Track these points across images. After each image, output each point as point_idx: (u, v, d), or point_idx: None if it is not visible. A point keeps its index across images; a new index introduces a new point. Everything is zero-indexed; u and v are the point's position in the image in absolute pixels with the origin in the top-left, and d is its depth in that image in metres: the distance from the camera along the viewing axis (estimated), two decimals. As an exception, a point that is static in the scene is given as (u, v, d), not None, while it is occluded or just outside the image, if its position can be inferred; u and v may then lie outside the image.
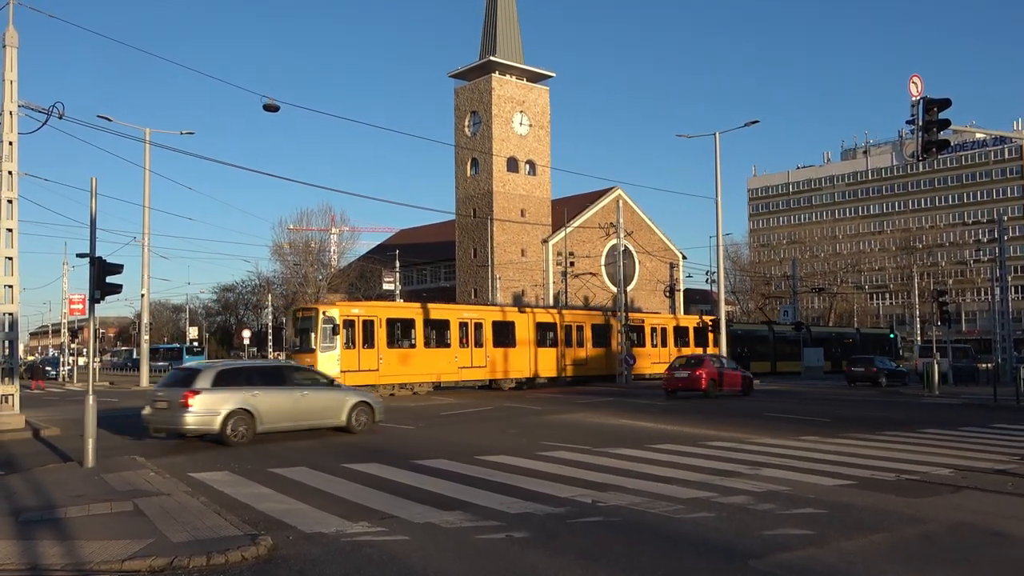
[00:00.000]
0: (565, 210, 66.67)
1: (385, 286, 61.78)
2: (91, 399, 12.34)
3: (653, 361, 42.44)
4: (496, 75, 66.59)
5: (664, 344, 43.88)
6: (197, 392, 14.55)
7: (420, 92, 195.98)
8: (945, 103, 17.62)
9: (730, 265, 79.51)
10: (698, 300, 75.64)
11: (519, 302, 64.53)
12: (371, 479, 10.95)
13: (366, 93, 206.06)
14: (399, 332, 31.14)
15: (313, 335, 28.53)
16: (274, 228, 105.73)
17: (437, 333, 32.38)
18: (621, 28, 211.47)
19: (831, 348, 52.91)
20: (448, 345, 32.38)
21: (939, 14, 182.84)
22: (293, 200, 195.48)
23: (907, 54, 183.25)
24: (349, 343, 28.87)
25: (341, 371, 27.41)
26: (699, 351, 44.12)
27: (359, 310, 30.24)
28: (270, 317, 68.29)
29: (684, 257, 75.40)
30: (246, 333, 67.53)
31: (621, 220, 42.77)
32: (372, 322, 29.76)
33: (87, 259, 12.90)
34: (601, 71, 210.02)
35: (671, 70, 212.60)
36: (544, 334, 36.80)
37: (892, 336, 62.89)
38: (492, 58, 66.57)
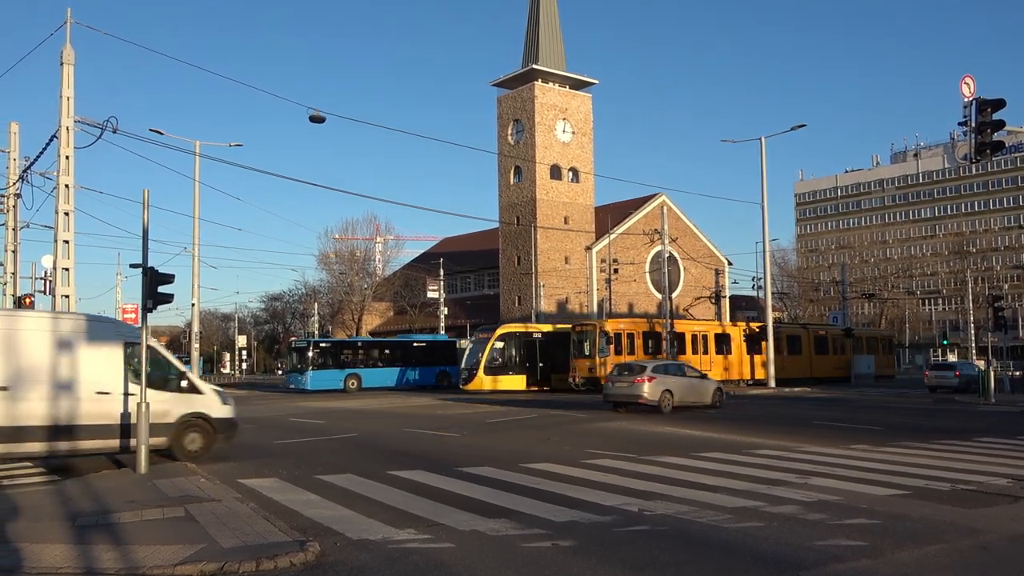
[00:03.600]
0: (608, 217, 66.40)
1: (429, 294, 62.14)
2: (144, 407, 12.59)
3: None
4: (539, 83, 66.67)
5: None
6: (650, 378, 23.84)
7: (464, 101, 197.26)
8: (999, 104, 17.20)
9: (777, 271, 78.48)
10: (744, 307, 74.60)
11: (563, 310, 64.45)
12: (416, 486, 11.00)
13: (410, 103, 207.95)
14: (651, 343, 39.25)
15: (588, 344, 37.21)
16: (320, 238, 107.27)
17: (679, 343, 39.66)
18: (664, 33, 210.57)
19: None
20: (684, 352, 39.92)
21: (992, 12, 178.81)
22: (338, 210, 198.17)
23: (959, 54, 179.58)
24: (619, 351, 36.83)
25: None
26: (747, 359, 43.71)
27: (624, 325, 39.60)
28: (316, 325, 69.09)
29: (730, 263, 74.53)
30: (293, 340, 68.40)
31: (666, 226, 42.56)
32: (633, 335, 38.75)
33: (140, 269, 13.17)
34: (644, 77, 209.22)
35: (715, 74, 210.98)
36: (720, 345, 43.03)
37: (945, 343, 61.44)
38: (535, 66, 66.66)
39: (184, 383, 14.32)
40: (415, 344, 47.20)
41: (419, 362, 45.87)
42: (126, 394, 13.31)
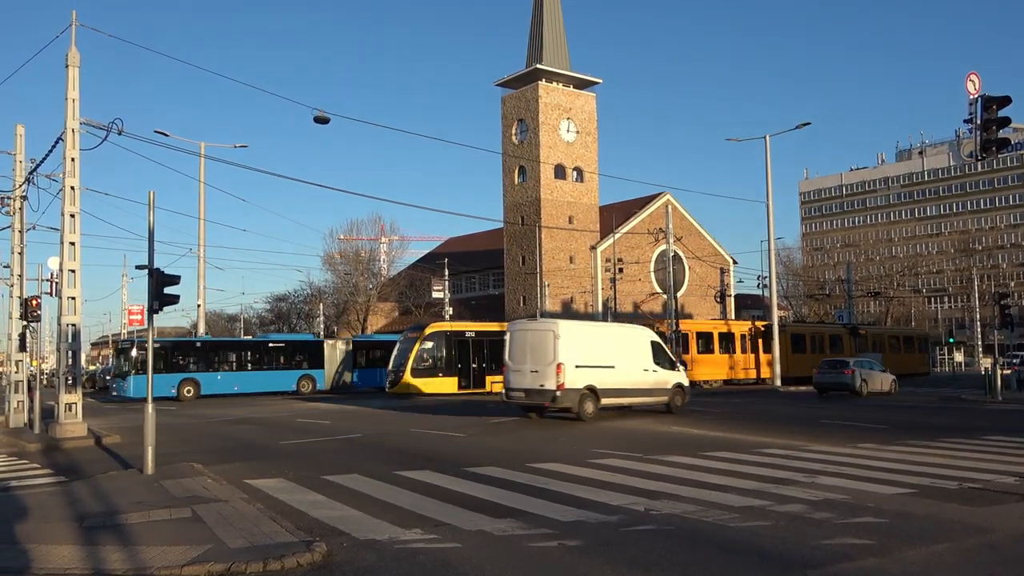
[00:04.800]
0: (613, 216, 66.41)
1: (434, 295, 62.12)
2: (150, 408, 12.63)
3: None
4: (543, 83, 66.67)
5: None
6: None
7: (468, 101, 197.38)
8: (1005, 100, 17.16)
9: (782, 269, 78.31)
10: (749, 305, 74.45)
11: (568, 309, 64.43)
12: (422, 486, 11.01)
13: (414, 104, 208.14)
14: (700, 343, 41.58)
15: None
16: (325, 238, 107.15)
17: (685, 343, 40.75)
18: (668, 32, 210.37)
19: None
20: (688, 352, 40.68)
21: (997, 9, 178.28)
22: (343, 210, 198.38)
23: (964, 51, 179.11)
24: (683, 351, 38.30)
25: None
26: (751, 357, 43.70)
27: (685, 327, 40.71)
28: (321, 326, 69.14)
29: (735, 262, 74.40)
30: None
31: (671, 225, 42.51)
32: (687, 336, 40.42)
33: (146, 271, 13.20)
34: (648, 76, 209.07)
35: (719, 73, 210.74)
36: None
37: (952, 341, 61.22)
38: (538, 66, 66.67)
39: (675, 367, 24.35)
40: (271, 344, 41.64)
41: (276, 365, 40.47)
42: (654, 370, 23.24)
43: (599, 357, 21.66)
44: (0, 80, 51.91)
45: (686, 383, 24.60)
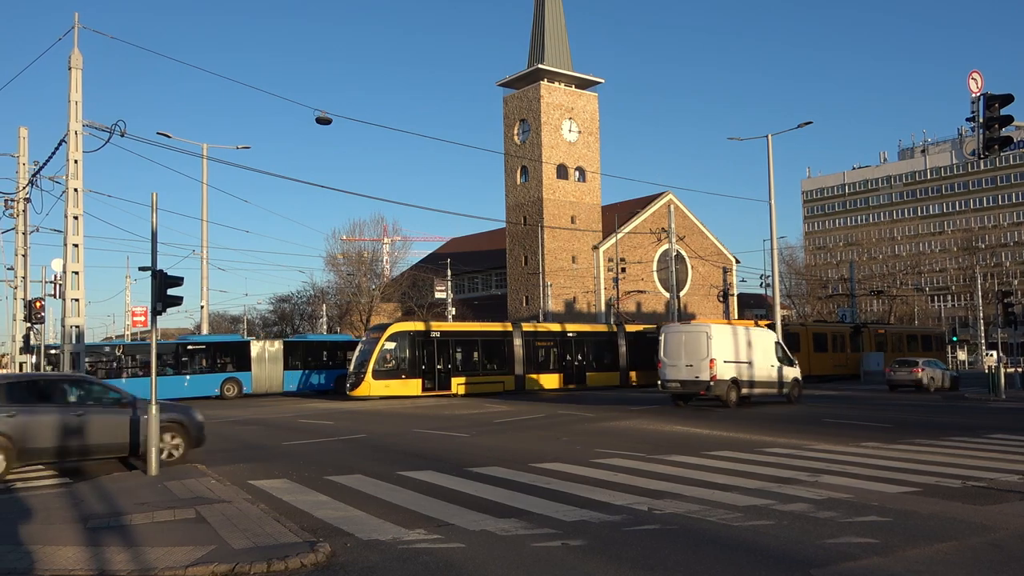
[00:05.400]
0: (616, 216, 66.40)
1: (437, 295, 62.16)
2: (154, 409, 12.64)
3: None
4: (545, 83, 66.68)
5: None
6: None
7: (470, 102, 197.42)
8: (1007, 99, 17.13)
9: (785, 269, 78.32)
10: (752, 305, 74.47)
11: (571, 309, 64.43)
12: (426, 487, 11.02)
13: (416, 104, 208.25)
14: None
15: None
16: (327, 239, 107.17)
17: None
18: (670, 31, 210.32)
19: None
20: None
21: (999, 7, 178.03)
22: (346, 211, 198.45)
23: (966, 49, 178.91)
24: None
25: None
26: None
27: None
28: (324, 327, 69.12)
29: (737, 261, 74.45)
30: None
31: (673, 225, 42.51)
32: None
33: (149, 272, 13.22)
34: (650, 75, 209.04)
35: (721, 72, 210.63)
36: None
37: (955, 339, 61.27)
38: (540, 66, 66.68)
39: (792, 363, 28.45)
40: (190, 347, 37.09)
41: (199, 368, 36.63)
42: (777, 366, 27.68)
43: (739, 354, 26.20)
44: (4, 82, 51.98)
45: (800, 377, 28.97)
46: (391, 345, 34.18)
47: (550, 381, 38.95)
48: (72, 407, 13.07)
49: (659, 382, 26.93)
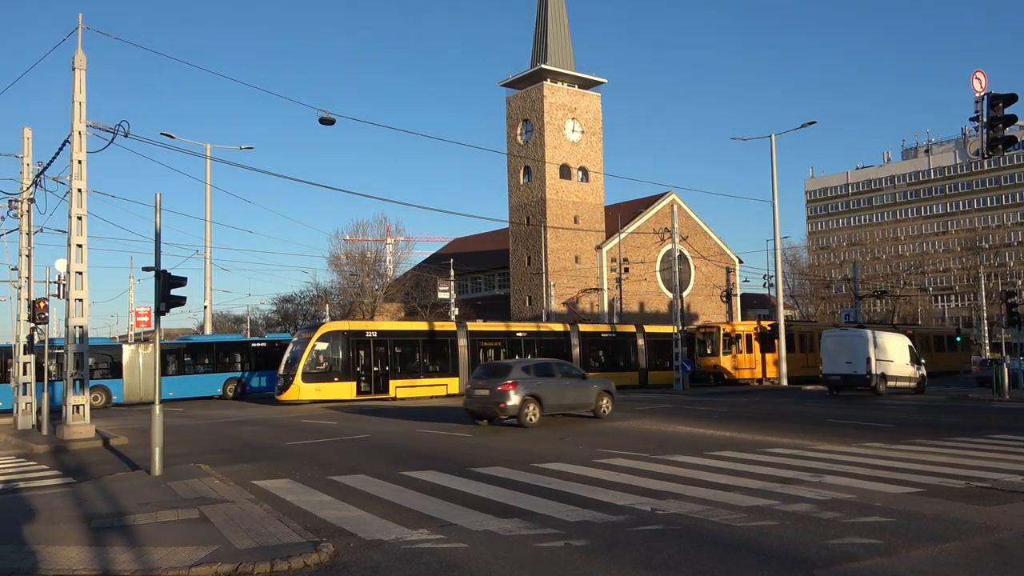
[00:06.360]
0: (619, 216, 66.32)
1: (440, 295, 62.15)
2: (157, 409, 12.67)
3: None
4: (547, 83, 66.64)
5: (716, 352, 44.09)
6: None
7: (473, 102, 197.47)
8: (1011, 98, 17.10)
9: (788, 269, 78.10)
10: (755, 305, 74.33)
11: (573, 310, 64.36)
12: (429, 487, 11.03)
13: (419, 104, 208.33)
14: (762, 342, 43.95)
15: (710, 345, 43.00)
16: (331, 239, 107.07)
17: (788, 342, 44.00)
18: (673, 31, 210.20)
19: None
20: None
21: (1003, 6, 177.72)
22: (349, 211, 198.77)
23: (970, 48, 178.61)
24: (740, 350, 42.68)
25: (733, 367, 42.72)
26: (757, 357, 43.78)
27: (743, 327, 44.23)
28: (327, 327, 68.97)
29: (741, 261, 74.36)
30: None
31: (676, 225, 42.43)
32: (751, 336, 43.50)
33: (152, 272, 13.24)
34: (653, 75, 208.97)
35: (725, 72, 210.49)
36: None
37: (959, 340, 61.15)
38: (543, 66, 66.63)
39: (920, 361, 34.02)
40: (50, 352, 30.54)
41: (58, 375, 30.12)
42: (909, 364, 33.20)
43: (885, 355, 32.04)
44: (8, 83, 52.05)
45: (925, 373, 34.40)
46: (323, 345, 32.36)
47: None
48: (561, 380, 21.13)
49: (820, 374, 33.08)
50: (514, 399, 19.36)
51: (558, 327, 42.43)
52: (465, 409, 20.86)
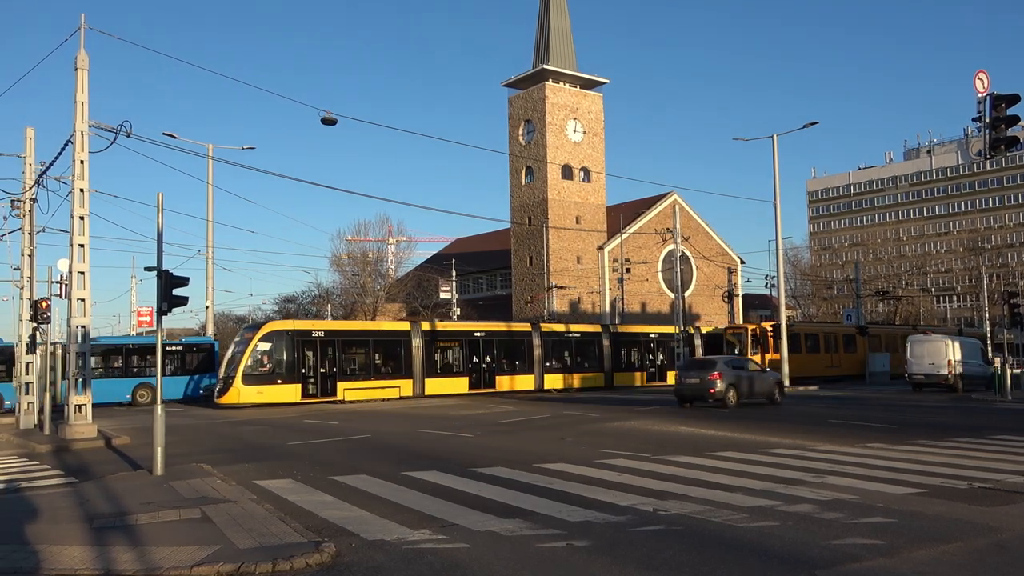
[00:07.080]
0: (620, 216, 66.31)
1: (442, 295, 62.17)
2: (159, 409, 12.67)
3: None
4: (549, 83, 66.65)
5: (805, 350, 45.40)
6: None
7: (475, 102, 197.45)
8: (1014, 99, 17.09)
9: (790, 269, 78.08)
10: (757, 305, 74.30)
11: (575, 310, 64.39)
12: (431, 487, 11.02)
13: (421, 105, 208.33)
14: (809, 342, 45.84)
15: (738, 345, 44.14)
16: (332, 239, 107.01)
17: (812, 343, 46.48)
18: (674, 31, 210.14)
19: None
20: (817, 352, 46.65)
21: (1006, 6, 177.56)
22: (351, 211, 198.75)
23: (972, 49, 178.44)
24: (766, 350, 42.73)
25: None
26: (756, 357, 43.78)
27: (768, 327, 43.87)
28: (328, 327, 68.95)
29: (742, 262, 74.33)
30: None
31: (678, 225, 42.45)
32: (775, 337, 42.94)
33: (155, 272, 13.25)
34: (655, 75, 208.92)
35: (727, 72, 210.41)
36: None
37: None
38: (545, 66, 66.65)
39: (990, 362, 36.17)
40: None
41: None
42: (982, 365, 37.04)
43: (962, 356, 35.36)
44: (10, 83, 52.15)
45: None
46: (265, 346, 31.04)
47: (455, 386, 36.06)
48: (750, 372, 27.39)
49: (906, 374, 36.45)
50: (720, 386, 25.49)
51: (520, 327, 41.70)
52: (676, 394, 27.12)
